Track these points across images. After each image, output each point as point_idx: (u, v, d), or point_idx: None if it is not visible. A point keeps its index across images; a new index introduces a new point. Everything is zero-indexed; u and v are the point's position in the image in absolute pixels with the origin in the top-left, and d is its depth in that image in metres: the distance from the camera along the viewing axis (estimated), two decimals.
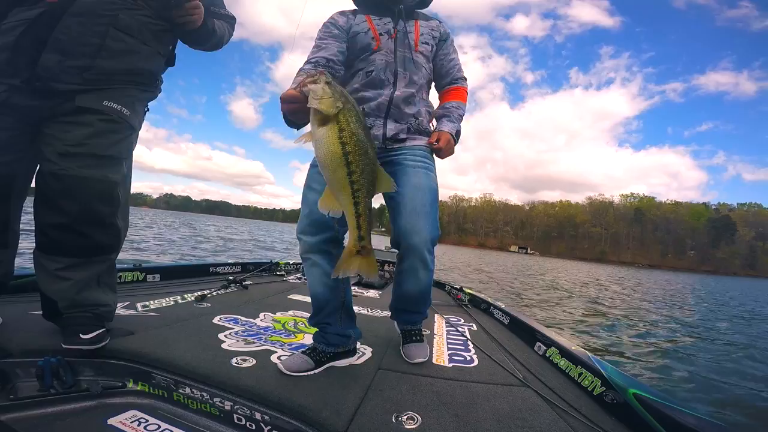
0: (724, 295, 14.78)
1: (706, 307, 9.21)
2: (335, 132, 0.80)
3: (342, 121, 0.81)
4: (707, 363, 3.47)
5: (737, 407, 2.41)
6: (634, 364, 3.24)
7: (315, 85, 0.81)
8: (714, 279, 43.74)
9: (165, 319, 1.44)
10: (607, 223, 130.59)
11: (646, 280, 20.83)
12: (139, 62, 1.14)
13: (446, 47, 1.43)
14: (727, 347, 4.31)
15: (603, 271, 28.36)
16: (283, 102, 0.90)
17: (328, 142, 0.80)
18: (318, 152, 0.82)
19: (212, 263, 2.60)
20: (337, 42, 1.27)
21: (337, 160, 0.80)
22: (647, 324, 5.54)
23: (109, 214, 1.13)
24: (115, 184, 1.13)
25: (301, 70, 1.17)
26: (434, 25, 1.41)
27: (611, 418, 1.03)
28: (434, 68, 1.43)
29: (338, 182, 0.81)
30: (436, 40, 1.40)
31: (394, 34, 1.31)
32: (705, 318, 6.95)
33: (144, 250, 7.63)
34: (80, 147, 1.06)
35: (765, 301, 13.02)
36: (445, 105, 1.42)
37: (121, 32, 1.07)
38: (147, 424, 0.93)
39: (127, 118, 1.14)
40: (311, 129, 0.83)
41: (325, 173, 0.83)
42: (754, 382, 2.99)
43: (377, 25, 1.31)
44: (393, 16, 1.33)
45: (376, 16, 1.33)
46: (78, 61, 1.03)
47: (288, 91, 0.90)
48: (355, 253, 0.87)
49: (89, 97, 1.07)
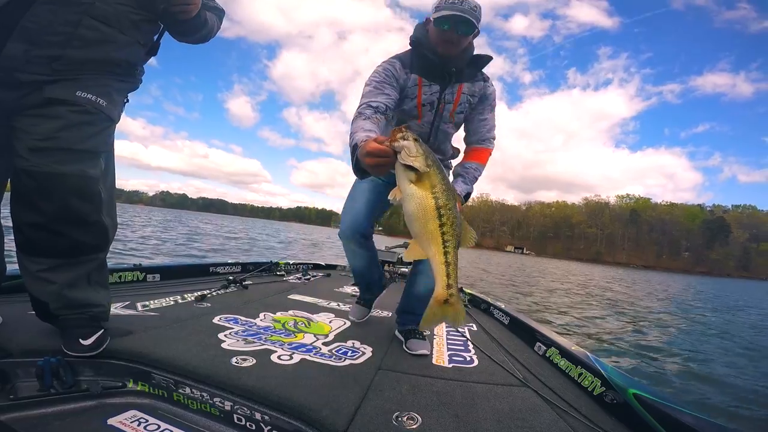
0: (727, 298, 14.77)
1: (711, 308, 9.22)
2: (428, 188, 0.83)
3: (433, 177, 0.84)
4: (707, 363, 3.47)
5: (737, 407, 2.41)
6: (634, 364, 3.24)
7: (407, 142, 0.84)
8: (713, 281, 43.80)
9: (165, 319, 1.43)
10: (602, 224, 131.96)
11: (648, 281, 20.84)
12: (114, 52, 1.07)
13: (483, 106, 1.48)
14: (727, 348, 4.31)
15: (601, 273, 28.38)
16: (369, 156, 0.89)
17: (423, 197, 0.83)
18: (409, 206, 0.84)
19: (212, 263, 2.60)
20: (394, 91, 1.34)
21: (430, 213, 0.83)
22: (648, 325, 5.54)
23: (91, 212, 1.06)
24: (94, 180, 1.06)
25: (360, 113, 1.22)
26: (477, 89, 1.46)
27: (611, 418, 1.03)
28: (466, 124, 1.49)
29: (429, 234, 0.84)
30: (475, 100, 1.46)
31: (440, 108, 1.41)
32: (707, 320, 6.96)
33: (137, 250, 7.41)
34: (50, 141, 0.99)
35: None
36: (465, 165, 1.48)
37: (96, 21, 1.00)
38: (147, 424, 0.93)
39: (104, 109, 1.07)
40: (401, 184, 0.86)
41: (415, 225, 0.85)
42: (754, 382, 2.99)
43: (424, 95, 1.39)
44: (443, 82, 1.40)
45: (426, 80, 1.39)
46: (46, 51, 0.96)
47: (372, 144, 0.89)
48: (443, 302, 0.86)
49: (59, 88, 1.00)
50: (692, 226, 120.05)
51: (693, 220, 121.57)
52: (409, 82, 1.37)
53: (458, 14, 1.28)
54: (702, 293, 15.22)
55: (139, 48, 1.15)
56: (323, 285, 2.77)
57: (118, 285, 1.93)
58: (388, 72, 1.34)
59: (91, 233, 1.08)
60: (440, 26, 1.31)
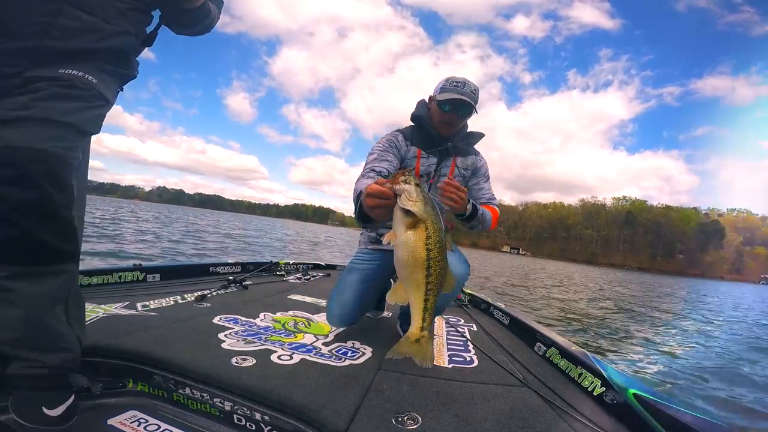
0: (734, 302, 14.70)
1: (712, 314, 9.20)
2: (423, 237, 0.82)
3: (429, 227, 0.82)
4: (707, 363, 3.47)
5: (737, 407, 2.41)
6: (634, 364, 3.24)
7: (408, 186, 0.83)
8: (713, 284, 43.54)
9: (165, 319, 1.43)
10: (598, 226, 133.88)
11: (648, 284, 20.80)
12: (98, 42, 0.96)
13: (477, 178, 1.56)
14: (726, 348, 4.31)
15: (600, 276, 28.21)
16: (370, 196, 0.88)
17: (415, 245, 0.82)
18: (401, 253, 0.83)
19: (212, 263, 2.60)
20: (396, 159, 1.45)
21: (420, 264, 0.82)
22: (649, 325, 5.54)
23: (62, 203, 0.83)
24: (71, 165, 0.85)
25: (364, 175, 1.31)
26: (470, 163, 1.56)
27: (611, 418, 1.03)
28: (469, 197, 1.55)
29: (415, 282, 0.84)
30: (468, 173, 1.55)
31: (432, 179, 1.50)
32: (705, 321, 6.96)
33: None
34: (25, 110, 0.81)
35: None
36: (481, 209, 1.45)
37: (78, 10, 0.91)
38: (147, 424, 0.93)
39: (95, 86, 0.93)
40: (396, 228, 0.84)
41: (404, 272, 0.85)
42: (754, 382, 2.99)
43: (422, 165, 1.50)
44: (440, 155, 1.50)
45: (425, 152, 1.50)
46: (23, 42, 0.87)
47: (374, 185, 0.88)
48: (414, 341, 0.87)
49: (40, 69, 0.88)
50: (687, 228, 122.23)
51: (688, 222, 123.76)
52: (409, 154, 1.48)
53: (460, 98, 1.38)
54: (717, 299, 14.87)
55: (129, 38, 1.04)
56: (323, 285, 2.77)
57: (118, 285, 1.93)
58: (391, 142, 1.47)
59: (58, 232, 0.84)
60: (442, 107, 1.43)
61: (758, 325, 7.20)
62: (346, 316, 1.41)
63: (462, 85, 1.41)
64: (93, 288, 1.80)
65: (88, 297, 1.63)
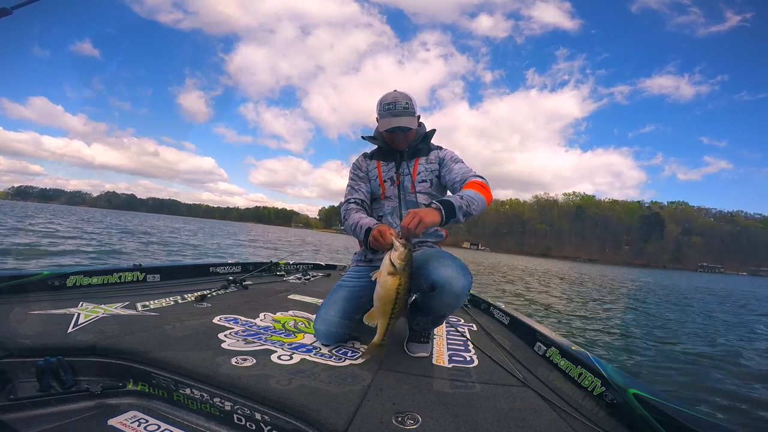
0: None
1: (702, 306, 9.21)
2: (396, 283, 1.14)
3: (402, 279, 1.14)
4: (707, 363, 3.47)
5: (737, 407, 2.41)
6: (634, 364, 3.24)
7: (401, 247, 1.14)
8: (664, 273, 42.86)
9: (165, 319, 1.43)
10: (552, 220, 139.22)
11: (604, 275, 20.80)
12: None
13: (445, 166, 1.59)
14: (725, 348, 4.31)
15: (550, 265, 27.86)
16: (376, 237, 1.23)
17: (390, 288, 1.15)
18: (380, 290, 1.17)
19: (212, 263, 2.60)
20: (365, 184, 1.63)
21: (390, 300, 1.16)
22: (648, 325, 5.54)
23: None
24: None
25: (346, 207, 1.54)
26: (433, 158, 1.62)
27: (611, 418, 1.03)
28: (446, 184, 1.57)
29: (384, 311, 1.18)
30: (436, 168, 1.60)
31: (397, 181, 1.58)
32: (702, 319, 6.96)
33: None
34: None
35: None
36: (461, 192, 1.34)
37: None
38: (147, 424, 0.93)
39: None
40: (381, 269, 1.16)
41: (379, 302, 1.17)
42: (754, 382, 2.99)
43: (383, 172, 1.62)
44: (396, 160, 1.59)
45: (383, 162, 1.63)
46: None
47: (385, 230, 1.21)
48: (377, 345, 1.22)
49: None
50: (631, 221, 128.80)
51: (632, 215, 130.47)
52: (370, 167, 1.64)
53: (394, 126, 1.48)
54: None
55: None
56: (323, 285, 2.77)
57: (118, 285, 1.93)
58: (356, 167, 1.65)
59: None
60: (384, 131, 1.54)
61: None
62: (331, 333, 1.40)
63: (393, 106, 1.49)
64: (93, 288, 1.80)
65: (89, 297, 1.63)
